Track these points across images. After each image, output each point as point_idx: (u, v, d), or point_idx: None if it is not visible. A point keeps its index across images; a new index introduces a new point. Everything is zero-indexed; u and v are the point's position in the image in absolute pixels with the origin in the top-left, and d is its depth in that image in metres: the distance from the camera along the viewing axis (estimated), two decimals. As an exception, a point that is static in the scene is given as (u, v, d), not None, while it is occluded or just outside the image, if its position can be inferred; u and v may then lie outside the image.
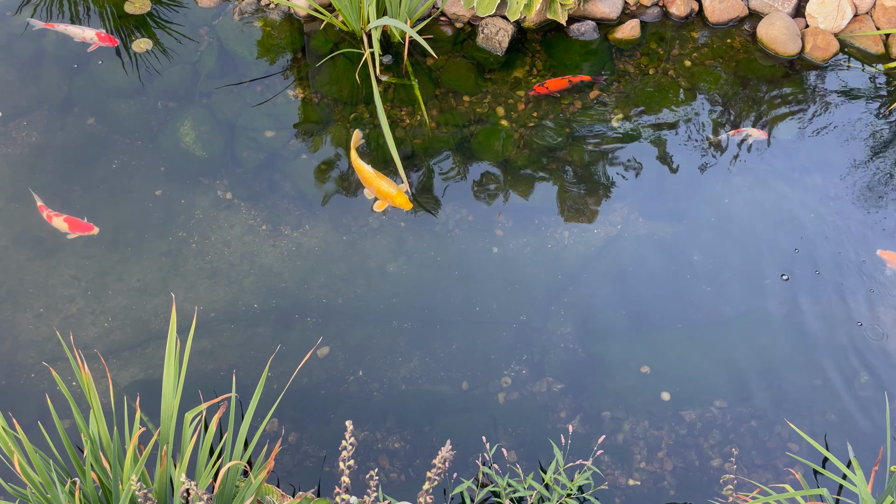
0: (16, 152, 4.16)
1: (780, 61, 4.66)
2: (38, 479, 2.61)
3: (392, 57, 4.59)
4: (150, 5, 4.79)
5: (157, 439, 2.76)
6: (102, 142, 4.23)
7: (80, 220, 3.86)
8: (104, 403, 3.28)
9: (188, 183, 4.10)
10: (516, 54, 4.63)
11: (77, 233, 3.84)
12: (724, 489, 2.99)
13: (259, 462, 2.88)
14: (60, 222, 3.85)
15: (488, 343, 3.68)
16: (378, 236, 3.96)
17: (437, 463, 2.44)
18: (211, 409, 3.23)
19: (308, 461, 3.35)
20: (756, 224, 4.06)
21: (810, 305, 3.80)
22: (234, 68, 4.55)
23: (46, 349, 3.57)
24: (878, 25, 4.71)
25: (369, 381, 3.56)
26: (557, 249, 3.96)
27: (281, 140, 4.28)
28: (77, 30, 4.49)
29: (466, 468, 3.31)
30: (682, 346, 3.71)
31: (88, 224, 3.86)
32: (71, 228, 3.85)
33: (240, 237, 3.93)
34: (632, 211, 4.10)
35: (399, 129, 4.31)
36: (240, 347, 3.61)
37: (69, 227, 3.85)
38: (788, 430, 3.45)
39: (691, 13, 4.82)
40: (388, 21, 4.08)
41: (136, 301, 3.72)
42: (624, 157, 4.28)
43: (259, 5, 4.78)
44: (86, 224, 3.86)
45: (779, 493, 3.00)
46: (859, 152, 4.35)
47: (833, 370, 3.63)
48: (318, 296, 3.77)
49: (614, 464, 3.40)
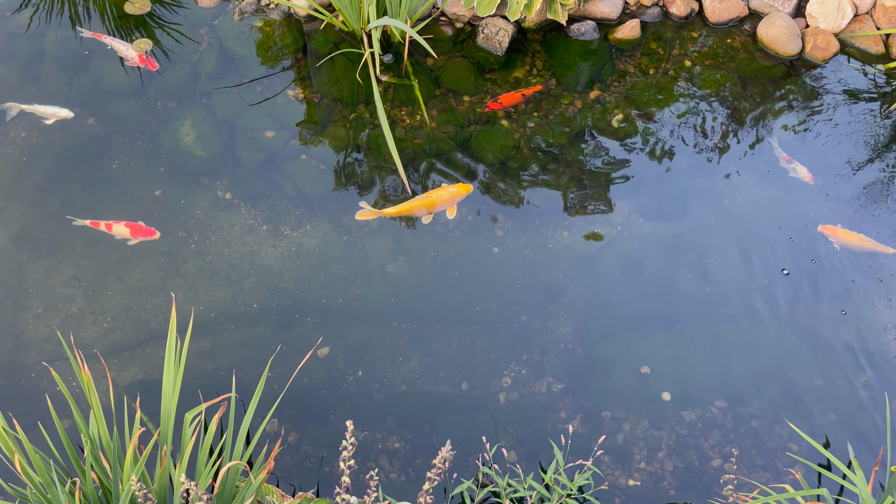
0: (16, 152, 4.16)
1: (780, 61, 4.66)
2: (38, 479, 2.61)
3: (392, 56, 4.59)
4: (151, 5, 4.79)
5: (157, 439, 2.76)
6: (102, 142, 4.23)
7: (141, 225, 3.85)
8: (104, 403, 3.28)
9: (188, 183, 4.10)
10: (516, 54, 4.63)
11: (138, 238, 3.82)
12: (724, 489, 2.99)
13: (259, 462, 2.88)
14: (121, 228, 3.83)
15: (488, 343, 3.68)
16: (378, 236, 3.96)
17: (437, 463, 2.44)
18: (211, 409, 3.23)
19: (308, 461, 3.35)
20: (756, 224, 4.06)
21: (810, 305, 3.80)
22: (234, 68, 4.55)
23: (46, 349, 3.56)
24: (879, 25, 4.71)
25: (369, 381, 3.56)
26: (557, 249, 3.96)
27: (281, 140, 4.28)
28: (121, 46, 4.51)
29: (466, 468, 3.31)
30: (682, 346, 3.71)
31: (150, 229, 3.85)
32: (133, 234, 3.83)
33: (240, 237, 3.93)
34: (632, 211, 4.10)
35: (399, 129, 4.31)
36: (240, 347, 3.61)
37: (131, 233, 3.83)
38: (788, 430, 3.45)
39: (691, 13, 4.82)
40: (388, 21, 4.08)
41: (136, 301, 3.72)
42: (624, 157, 4.28)
43: (259, 5, 4.78)
44: (148, 229, 3.85)
45: (779, 494, 3.00)
46: (859, 152, 4.35)
47: (833, 370, 3.63)
48: (318, 296, 3.77)
49: (614, 464, 3.39)
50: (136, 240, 3.83)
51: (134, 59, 4.44)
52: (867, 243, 3.95)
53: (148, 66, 4.45)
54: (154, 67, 4.46)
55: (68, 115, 4.25)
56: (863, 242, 3.96)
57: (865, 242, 3.95)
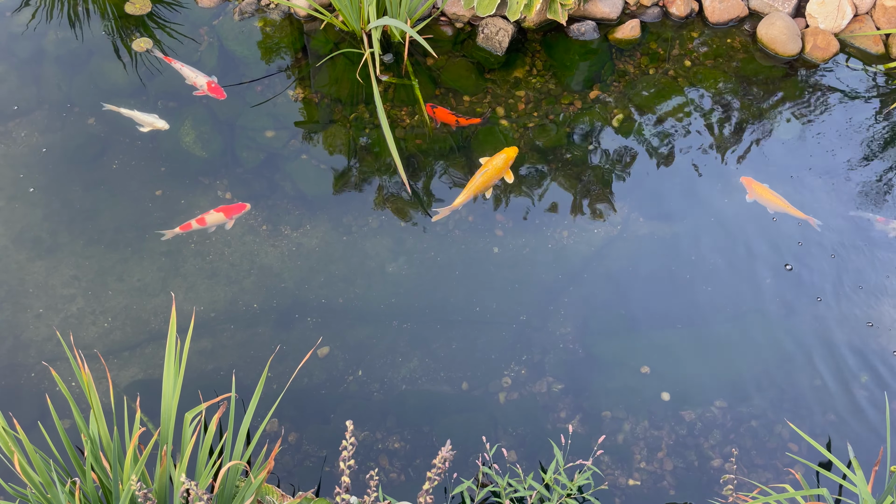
0: (16, 152, 4.16)
1: (780, 61, 4.66)
2: (38, 479, 2.61)
3: (392, 56, 4.59)
4: (151, 6, 4.79)
5: (157, 439, 2.76)
6: (102, 142, 4.23)
7: (230, 204, 3.86)
8: (104, 403, 3.28)
9: (188, 183, 4.10)
10: (516, 54, 4.63)
11: (234, 216, 3.84)
12: (724, 489, 2.99)
13: (259, 462, 2.88)
14: (216, 216, 3.84)
15: (488, 343, 3.68)
16: (378, 236, 3.96)
17: (437, 463, 2.44)
18: (211, 408, 3.23)
19: (308, 461, 3.35)
20: (756, 224, 4.06)
21: (810, 305, 3.80)
22: (235, 68, 4.55)
23: (46, 349, 3.57)
24: (878, 25, 4.71)
25: (369, 381, 3.56)
26: (557, 249, 3.96)
27: (281, 140, 4.28)
28: (191, 73, 4.39)
29: (466, 468, 3.31)
30: (682, 345, 3.71)
31: (241, 204, 3.89)
32: (227, 215, 3.86)
33: (240, 237, 3.93)
34: (632, 211, 4.10)
35: (399, 129, 4.31)
36: (240, 347, 3.61)
37: (226, 215, 3.86)
38: (788, 430, 3.45)
39: (691, 13, 4.82)
40: (388, 21, 4.08)
41: (136, 301, 3.72)
42: (624, 157, 4.28)
43: (259, 5, 4.78)
44: (237, 205, 3.88)
45: (779, 493, 3.00)
46: (859, 152, 4.35)
47: (833, 370, 3.63)
48: (318, 296, 3.77)
49: (614, 464, 3.39)
50: (232, 220, 3.85)
51: (203, 88, 4.31)
52: (780, 202, 3.99)
53: (217, 96, 4.31)
54: (222, 97, 4.32)
55: (164, 127, 4.19)
56: (776, 200, 3.99)
57: (779, 201, 3.99)
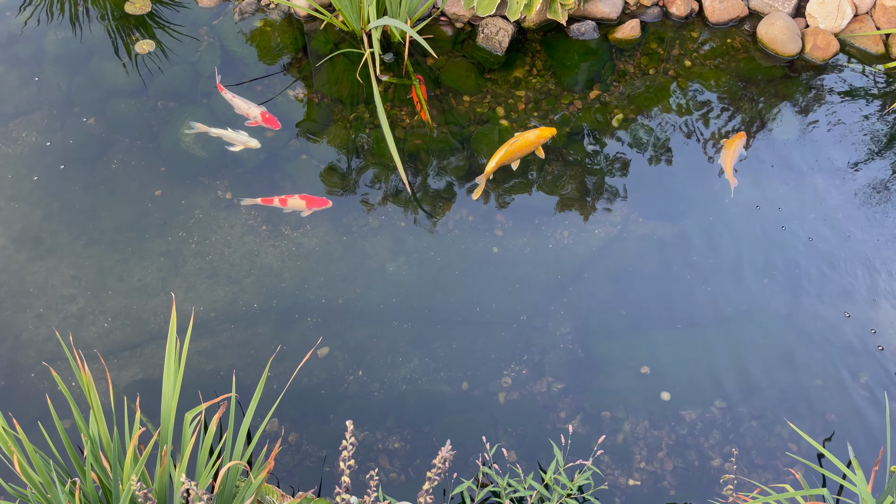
0: (16, 152, 4.16)
1: (780, 61, 4.66)
2: (38, 479, 2.61)
3: (392, 56, 4.59)
4: (151, 5, 4.79)
5: (157, 439, 2.76)
6: (102, 142, 4.23)
7: (315, 196, 3.87)
8: (104, 403, 3.28)
9: (188, 183, 4.10)
10: (516, 54, 4.63)
11: (312, 208, 3.85)
12: (724, 489, 2.99)
13: (259, 462, 2.88)
14: (297, 202, 3.84)
15: (488, 343, 3.68)
16: (378, 236, 3.96)
17: (437, 463, 2.44)
18: (211, 409, 3.23)
19: (308, 461, 3.35)
20: (756, 224, 4.06)
21: (810, 305, 3.80)
22: (235, 68, 4.55)
23: (46, 349, 3.57)
24: (878, 25, 4.71)
25: (369, 381, 3.56)
26: (557, 249, 3.96)
27: (281, 140, 4.28)
28: (243, 104, 4.25)
29: (466, 468, 3.31)
30: (682, 346, 3.71)
31: (324, 199, 3.90)
32: (308, 205, 3.87)
33: (240, 237, 3.93)
34: (632, 211, 4.10)
35: (399, 129, 4.31)
36: (240, 347, 3.61)
37: (307, 205, 3.86)
38: (788, 430, 3.45)
39: (691, 13, 4.82)
40: (388, 21, 4.08)
41: (136, 301, 3.72)
42: (624, 157, 4.28)
43: (259, 5, 4.78)
44: (321, 199, 3.89)
45: (779, 493, 3.00)
46: (859, 152, 4.35)
47: (833, 370, 3.63)
48: (318, 296, 3.77)
49: (614, 464, 3.40)
50: (310, 211, 3.85)
51: (256, 119, 4.20)
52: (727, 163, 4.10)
53: (271, 126, 4.21)
54: (277, 127, 4.21)
55: (256, 145, 4.12)
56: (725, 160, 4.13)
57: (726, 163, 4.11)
